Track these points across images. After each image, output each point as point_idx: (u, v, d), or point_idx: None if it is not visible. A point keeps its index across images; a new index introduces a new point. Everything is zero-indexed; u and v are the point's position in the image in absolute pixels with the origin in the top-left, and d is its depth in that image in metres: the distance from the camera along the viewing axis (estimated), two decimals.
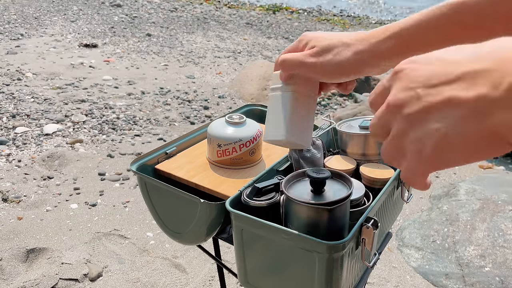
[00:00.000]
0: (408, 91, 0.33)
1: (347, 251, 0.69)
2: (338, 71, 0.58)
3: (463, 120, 0.30)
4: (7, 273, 1.70)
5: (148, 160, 0.93)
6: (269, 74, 3.59)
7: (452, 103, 0.31)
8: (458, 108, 0.30)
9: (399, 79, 0.34)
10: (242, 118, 0.96)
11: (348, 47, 0.58)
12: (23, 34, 4.72)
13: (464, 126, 0.30)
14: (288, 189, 0.73)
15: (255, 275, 0.79)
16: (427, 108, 0.32)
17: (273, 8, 6.97)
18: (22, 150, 2.55)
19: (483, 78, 0.29)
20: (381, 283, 1.75)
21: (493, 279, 1.71)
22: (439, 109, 0.31)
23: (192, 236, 0.88)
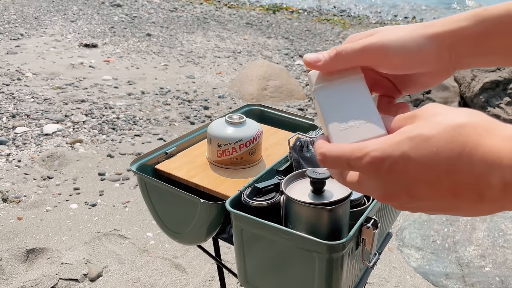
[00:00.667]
0: (395, 193, 0.35)
1: (347, 251, 0.68)
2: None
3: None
4: (7, 273, 1.70)
5: (148, 160, 0.93)
6: (269, 74, 3.59)
7: (442, 204, 0.34)
8: (447, 206, 0.34)
9: (389, 174, 0.34)
10: (242, 118, 0.95)
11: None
12: (23, 34, 4.72)
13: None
14: (288, 189, 0.73)
15: (255, 275, 0.79)
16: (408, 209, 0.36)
17: (273, 8, 6.97)
18: (22, 150, 2.55)
19: (468, 190, 0.31)
20: (381, 283, 1.75)
21: (493, 279, 1.71)
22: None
23: (192, 236, 0.88)
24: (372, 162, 0.34)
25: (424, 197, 0.33)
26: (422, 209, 0.35)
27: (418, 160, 0.32)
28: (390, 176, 0.33)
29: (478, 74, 3.10)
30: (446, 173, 0.31)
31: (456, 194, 0.31)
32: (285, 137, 1.03)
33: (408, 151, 0.32)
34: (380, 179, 0.34)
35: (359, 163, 0.35)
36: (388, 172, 0.33)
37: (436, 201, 0.33)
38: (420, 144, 0.32)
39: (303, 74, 4.15)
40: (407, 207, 0.35)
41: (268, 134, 1.08)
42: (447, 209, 0.34)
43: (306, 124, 1.13)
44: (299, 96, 3.59)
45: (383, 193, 0.35)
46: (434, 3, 8.52)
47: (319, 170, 0.71)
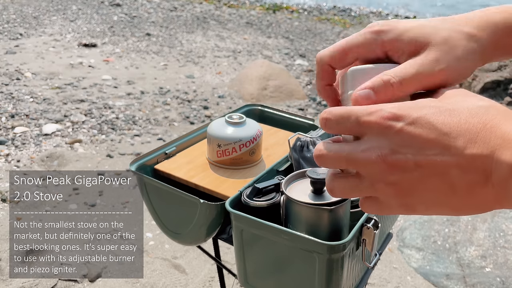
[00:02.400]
0: (402, 155, 0.31)
1: (347, 251, 0.68)
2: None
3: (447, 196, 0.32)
4: (6, 273, 1.70)
5: (147, 160, 0.93)
6: (269, 74, 3.59)
7: (443, 181, 0.31)
8: (446, 186, 0.31)
9: (394, 136, 0.31)
10: (242, 118, 0.95)
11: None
12: (22, 33, 4.71)
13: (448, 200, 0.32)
14: (288, 190, 0.72)
15: (255, 275, 0.78)
16: (417, 180, 0.32)
17: (273, 7, 6.97)
18: (21, 150, 2.55)
19: (477, 166, 0.30)
20: (382, 283, 1.74)
21: (494, 279, 1.70)
22: (426, 185, 0.32)
23: (192, 237, 0.88)
24: (386, 117, 0.31)
25: (430, 167, 0.31)
26: (420, 185, 0.32)
27: (437, 125, 0.30)
28: (403, 135, 0.31)
29: (479, 74, 3.10)
30: (461, 144, 0.30)
31: (464, 168, 0.30)
32: (285, 137, 1.03)
33: (428, 115, 0.31)
34: (390, 137, 0.31)
35: (370, 118, 0.32)
36: (400, 131, 0.31)
37: (440, 176, 0.31)
38: (442, 112, 0.31)
39: (303, 74, 4.15)
40: (405, 179, 0.32)
41: (268, 134, 1.08)
42: (445, 192, 0.31)
43: (306, 124, 1.12)
44: (299, 96, 3.58)
45: (388, 154, 0.31)
46: (433, 3, 8.53)
47: (319, 170, 0.70)
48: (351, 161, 0.33)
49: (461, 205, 0.32)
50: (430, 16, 7.39)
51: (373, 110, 0.32)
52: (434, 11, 7.93)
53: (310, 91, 3.74)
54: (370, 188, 0.34)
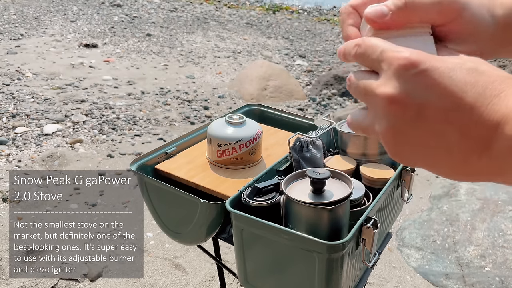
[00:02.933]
0: (410, 98, 0.31)
1: (347, 251, 0.68)
2: None
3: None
4: (7, 273, 1.71)
5: (148, 160, 0.94)
6: (269, 74, 3.59)
7: (440, 141, 0.31)
8: (442, 147, 0.31)
9: (410, 78, 0.31)
10: (242, 118, 0.95)
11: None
12: (23, 34, 4.72)
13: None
14: (288, 189, 0.73)
15: (255, 275, 0.79)
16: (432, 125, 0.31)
17: (273, 8, 6.97)
18: (22, 150, 2.55)
19: (479, 132, 0.29)
20: (381, 283, 1.75)
21: (493, 279, 1.71)
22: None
23: (192, 236, 0.88)
24: (408, 58, 0.31)
25: (431, 120, 0.30)
26: (416, 137, 0.31)
27: (455, 80, 0.30)
28: (418, 79, 0.30)
29: None
30: (470, 107, 0.29)
31: (465, 133, 0.29)
32: (285, 137, 1.03)
33: (449, 68, 0.30)
34: (404, 78, 0.31)
35: (392, 55, 0.32)
36: (418, 74, 0.30)
37: (438, 135, 0.30)
38: (463, 69, 0.30)
39: (303, 74, 4.15)
40: (404, 124, 0.31)
41: (268, 134, 1.08)
42: (439, 150, 0.31)
43: (306, 124, 1.13)
44: (299, 96, 3.59)
45: (399, 93, 0.31)
46: None
47: (319, 170, 0.71)
48: (366, 92, 0.34)
49: (453, 169, 0.31)
50: None
51: (399, 49, 0.32)
52: None
53: (310, 91, 3.75)
54: (371, 126, 0.34)
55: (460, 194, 2.20)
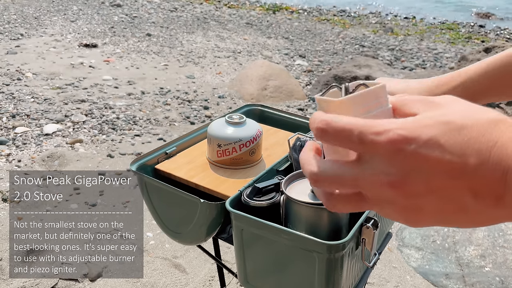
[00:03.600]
0: (413, 180, 0.30)
1: (347, 251, 0.68)
2: None
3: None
4: (7, 273, 1.71)
5: (148, 160, 0.93)
6: (269, 74, 3.59)
7: (455, 205, 0.31)
8: (458, 209, 0.31)
9: (404, 160, 0.30)
10: (242, 118, 0.95)
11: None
12: (23, 34, 4.72)
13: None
14: (288, 189, 0.73)
15: (255, 275, 0.79)
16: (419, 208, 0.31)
17: (273, 8, 6.97)
18: (22, 150, 2.55)
19: (489, 189, 0.29)
20: (381, 283, 1.75)
21: (493, 279, 1.71)
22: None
23: (192, 236, 0.88)
24: (395, 140, 0.29)
25: (442, 191, 0.29)
26: (430, 207, 0.31)
27: (447, 147, 0.29)
28: (414, 160, 0.29)
29: None
30: (473, 167, 0.29)
31: (477, 192, 0.29)
32: (285, 137, 1.03)
33: (438, 137, 0.29)
34: (400, 161, 0.29)
35: (376, 139, 0.29)
36: (411, 155, 0.29)
37: (451, 200, 0.30)
38: (452, 131, 0.29)
39: (303, 74, 4.15)
40: (415, 203, 0.30)
41: (268, 134, 1.08)
42: (455, 212, 0.31)
43: (306, 124, 1.13)
44: (299, 96, 3.59)
45: (399, 178, 0.30)
46: (432, 3, 8.52)
47: None
48: (357, 185, 0.32)
49: (471, 222, 0.31)
50: (430, 15, 7.39)
51: (380, 130, 0.30)
52: (435, 12, 7.93)
53: (310, 91, 3.75)
54: (376, 207, 0.33)
55: None
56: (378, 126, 0.30)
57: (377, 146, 0.30)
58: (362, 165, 0.31)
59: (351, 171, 0.31)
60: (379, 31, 5.95)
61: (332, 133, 0.31)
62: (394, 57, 4.69)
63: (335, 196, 0.34)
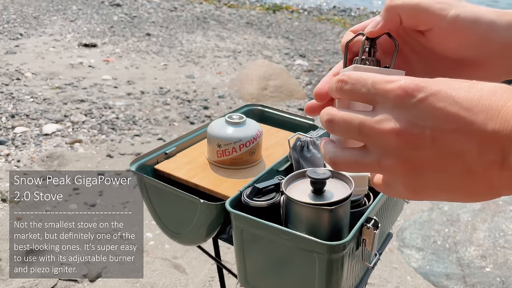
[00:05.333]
0: (419, 128, 0.30)
1: (347, 251, 0.68)
2: None
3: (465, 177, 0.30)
4: (7, 273, 1.70)
5: (147, 160, 0.93)
6: (269, 74, 3.59)
7: (459, 162, 0.29)
8: (463, 167, 0.29)
9: (412, 107, 0.30)
10: (242, 118, 0.95)
11: None
12: (22, 33, 4.72)
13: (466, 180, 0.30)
14: (289, 190, 0.72)
15: (255, 275, 0.78)
16: (434, 157, 0.30)
17: (273, 7, 6.97)
18: (21, 150, 2.55)
19: (496, 145, 0.28)
20: (382, 283, 1.74)
21: (494, 279, 1.70)
22: (446, 161, 0.30)
23: (192, 237, 0.88)
24: (405, 87, 0.30)
25: (448, 144, 0.29)
26: (433, 165, 0.30)
27: (458, 99, 0.29)
28: (422, 107, 0.29)
29: None
30: (482, 121, 0.28)
31: (483, 147, 0.28)
32: (285, 137, 1.03)
33: (450, 89, 0.29)
34: (408, 108, 0.29)
35: (387, 86, 0.30)
36: (420, 102, 0.29)
37: (456, 156, 0.29)
38: (463, 87, 0.29)
39: (303, 74, 4.15)
40: (418, 156, 0.30)
41: (268, 134, 1.08)
42: (459, 174, 0.29)
43: (306, 124, 1.12)
44: (299, 96, 3.58)
45: (405, 125, 0.29)
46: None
47: (320, 170, 0.70)
48: (363, 131, 0.31)
49: (474, 189, 0.30)
50: None
51: (392, 79, 0.31)
52: None
53: (310, 91, 3.74)
54: (376, 164, 0.32)
55: None
56: (392, 77, 0.31)
57: (388, 92, 0.30)
58: (372, 112, 0.31)
59: (360, 117, 0.32)
60: None
61: (350, 81, 0.32)
62: None
63: (338, 148, 0.34)
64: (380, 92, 0.31)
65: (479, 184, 0.30)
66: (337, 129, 0.33)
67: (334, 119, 0.33)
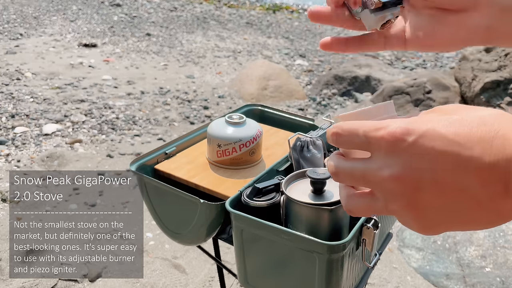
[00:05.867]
0: (416, 172, 0.30)
1: (347, 251, 0.68)
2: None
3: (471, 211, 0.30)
4: (7, 273, 1.70)
5: (147, 160, 0.93)
6: (269, 74, 3.59)
7: (465, 197, 0.29)
8: (470, 202, 0.29)
9: (404, 152, 0.30)
10: (242, 118, 0.95)
11: None
12: (22, 33, 4.72)
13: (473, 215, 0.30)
14: (289, 190, 0.72)
15: (255, 275, 0.78)
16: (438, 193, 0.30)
17: (273, 7, 6.97)
18: (21, 150, 2.55)
19: (496, 176, 0.28)
20: (382, 283, 1.74)
21: (494, 279, 1.70)
22: (449, 198, 0.30)
23: (192, 237, 0.88)
24: (394, 132, 0.30)
25: (449, 182, 0.29)
26: (440, 204, 0.30)
27: (449, 136, 0.29)
28: (414, 150, 0.29)
29: (478, 74, 3.10)
30: (478, 154, 0.28)
31: (485, 180, 0.28)
32: (285, 137, 1.03)
33: (439, 127, 0.29)
34: (400, 153, 0.30)
35: (378, 133, 0.31)
36: (411, 146, 0.29)
37: (461, 191, 0.29)
38: (451, 122, 0.29)
39: (303, 74, 4.15)
40: (423, 198, 0.30)
41: (268, 134, 1.08)
42: (469, 207, 0.30)
43: (306, 124, 1.12)
44: (299, 96, 3.58)
45: (402, 170, 0.30)
46: None
47: (320, 171, 0.70)
48: (366, 179, 0.32)
49: (484, 219, 0.30)
50: None
51: (380, 126, 0.31)
52: None
53: (310, 91, 3.74)
54: (384, 209, 0.32)
55: None
56: (381, 123, 0.32)
57: (379, 140, 0.31)
58: (369, 160, 0.32)
59: (361, 166, 0.33)
60: None
61: (343, 134, 0.33)
62: (395, 56, 4.69)
63: (350, 195, 0.35)
64: (373, 141, 0.31)
65: (488, 213, 0.30)
66: (343, 179, 0.35)
67: (339, 172, 0.35)
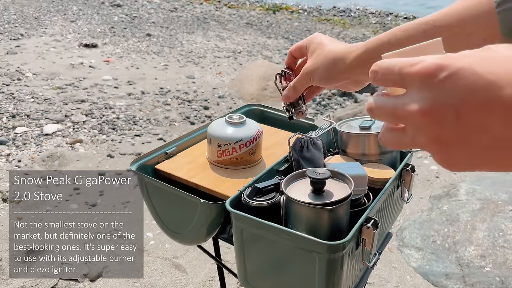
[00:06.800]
0: (443, 106, 0.30)
1: (347, 251, 0.68)
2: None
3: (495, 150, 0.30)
4: (7, 273, 1.71)
5: (148, 160, 0.93)
6: (269, 74, 3.59)
7: (485, 137, 0.30)
8: (490, 141, 0.30)
9: (436, 87, 0.31)
10: (242, 118, 0.95)
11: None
12: (23, 34, 4.72)
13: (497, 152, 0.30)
14: (288, 189, 0.73)
15: (255, 275, 0.79)
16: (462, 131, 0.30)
17: (273, 8, 6.97)
18: (22, 150, 2.55)
19: None
20: (381, 283, 1.75)
21: (493, 279, 1.70)
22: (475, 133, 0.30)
23: (192, 236, 0.88)
24: (427, 68, 0.31)
25: (472, 119, 0.29)
26: (461, 140, 0.30)
27: (483, 74, 0.29)
28: (445, 86, 0.30)
29: None
30: (508, 95, 0.28)
31: (507, 121, 0.28)
32: (285, 137, 1.03)
33: (473, 64, 0.29)
34: (432, 88, 0.30)
35: (412, 69, 0.31)
36: (443, 81, 0.30)
37: (482, 131, 0.29)
38: (487, 60, 0.29)
39: None
40: (445, 133, 0.30)
41: (268, 134, 1.08)
42: (489, 147, 0.30)
43: (306, 124, 1.13)
44: None
45: (431, 104, 0.30)
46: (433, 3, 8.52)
47: (319, 170, 0.71)
48: (397, 115, 0.34)
49: (504, 160, 0.30)
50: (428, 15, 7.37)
51: (415, 62, 0.32)
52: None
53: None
54: (412, 142, 0.33)
55: (460, 194, 2.20)
56: (416, 59, 0.32)
57: (413, 75, 0.32)
58: (402, 96, 0.33)
59: (392, 101, 0.34)
60: (379, 31, 5.95)
61: (380, 71, 0.35)
62: None
63: (385, 129, 0.37)
64: (407, 76, 0.32)
65: (508, 155, 0.30)
66: (376, 115, 0.36)
67: (373, 108, 0.36)
